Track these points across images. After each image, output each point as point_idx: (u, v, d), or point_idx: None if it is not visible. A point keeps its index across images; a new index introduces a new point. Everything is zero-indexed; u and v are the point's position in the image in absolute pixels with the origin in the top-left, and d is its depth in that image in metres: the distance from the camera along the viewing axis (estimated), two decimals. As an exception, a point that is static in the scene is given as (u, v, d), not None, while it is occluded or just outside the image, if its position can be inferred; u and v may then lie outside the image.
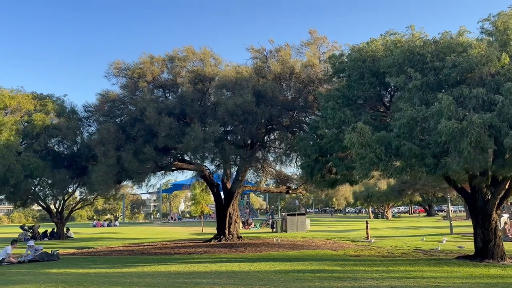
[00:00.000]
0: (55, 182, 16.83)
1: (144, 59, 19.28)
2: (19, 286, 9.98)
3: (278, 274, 11.06)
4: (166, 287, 9.43)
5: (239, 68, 17.24)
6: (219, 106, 15.86)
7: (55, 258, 15.78)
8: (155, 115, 16.40)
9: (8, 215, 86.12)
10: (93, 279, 10.89)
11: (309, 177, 13.70)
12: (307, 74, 17.16)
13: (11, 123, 16.47)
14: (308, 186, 26.71)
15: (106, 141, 16.21)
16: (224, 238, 21.65)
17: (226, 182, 22.28)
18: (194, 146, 14.88)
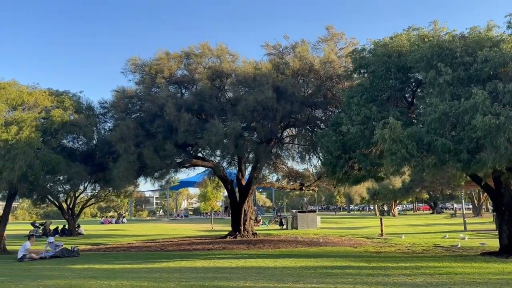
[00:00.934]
0: (74, 178, 16.78)
1: (161, 55, 19.22)
2: (49, 281, 9.96)
3: (306, 270, 11.01)
4: (198, 282, 9.40)
5: (257, 64, 17.16)
6: (239, 102, 15.79)
7: (75, 254, 15.78)
8: (175, 111, 16.36)
9: (12, 212, 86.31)
10: (121, 274, 10.87)
11: (331, 174, 13.62)
12: (326, 70, 17.06)
13: (30, 119, 16.41)
14: (320, 183, 26.71)
15: (126, 138, 16.17)
16: (240, 235, 21.61)
17: (241, 178, 22.24)
18: (215, 142, 14.81)
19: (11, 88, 16.85)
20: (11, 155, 14.94)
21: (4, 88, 16.41)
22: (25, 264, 13.95)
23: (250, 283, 9.18)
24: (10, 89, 16.74)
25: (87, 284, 9.45)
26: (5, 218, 18.23)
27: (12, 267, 13.13)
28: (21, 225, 49.93)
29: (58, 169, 16.69)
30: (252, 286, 8.87)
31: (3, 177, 14.91)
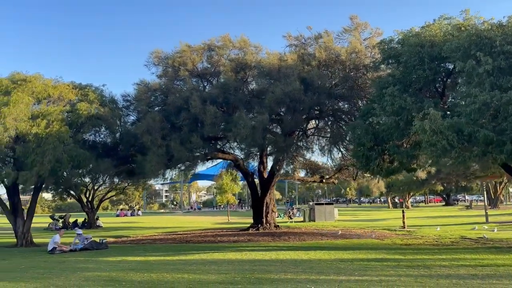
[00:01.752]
0: (102, 172, 16.84)
1: (184, 48, 19.14)
2: (89, 273, 10.02)
3: (343, 262, 10.95)
4: (238, 274, 9.39)
5: (283, 56, 16.98)
6: (266, 94, 15.68)
7: (104, 246, 15.90)
8: (200, 104, 16.30)
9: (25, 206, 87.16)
10: (158, 266, 10.90)
11: (363, 166, 13.49)
12: (352, 60, 16.85)
13: (56, 113, 16.46)
14: (340, 176, 26.60)
15: (153, 130, 16.17)
16: (262, 227, 21.63)
17: (262, 171, 22.20)
18: (244, 135, 14.74)
19: (37, 82, 16.88)
20: (42, 149, 15.01)
21: (30, 82, 16.44)
22: (57, 256, 14.07)
23: (291, 275, 9.15)
24: (36, 82, 16.78)
25: (128, 276, 9.50)
26: (31, 211, 18.39)
27: (46, 259, 13.25)
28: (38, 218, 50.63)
29: (85, 164, 16.74)
30: (294, 278, 8.85)
31: (33, 171, 15.00)
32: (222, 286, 8.17)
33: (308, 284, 8.16)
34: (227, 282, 8.52)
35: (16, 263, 12.38)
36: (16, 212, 17.84)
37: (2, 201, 18.19)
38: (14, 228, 17.94)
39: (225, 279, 8.87)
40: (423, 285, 7.87)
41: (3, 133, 14.80)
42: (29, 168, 15.08)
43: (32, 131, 15.35)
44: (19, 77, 16.98)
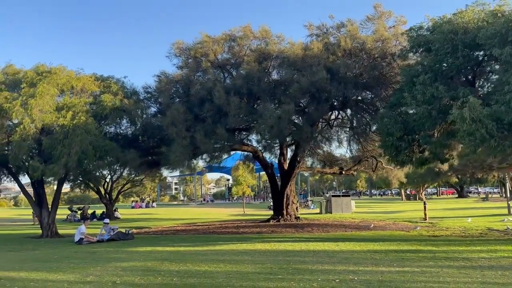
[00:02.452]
0: (127, 162, 16.88)
1: (206, 39, 18.97)
2: (124, 263, 10.06)
3: (377, 254, 10.82)
4: (275, 265, 9.34)
5: (307, 45, 16.72)
6: (291, 84, 15.48)
7: (130, 237, 15.97)
8: (224, 95, 16.18)
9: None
10: (191, 257, 10.89)
11: (393, 157, 13.29)
12: (380, 49, 16.55)
13: (80, 104, 16.49)
14: (359, 167, 26.38)
15: (177, 122, 16.11)
16: (283, 219, 21.56)
17: (283, 162, 22.08)
18: (270, 126, 14.60)
19: (61, 73, 16.90)
20: (69, 140, 15.05)
21: (55, 73, 16.46)
22: (85, 247, 14.15)
23: (329, 267, 9.06)
24: (60, 74, 16.79)
25: (164, 266, 9.50)
26: (56, 203, 18.53)
27: (76, 250, 13.34)
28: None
29: (110, 155, 16.77)
30: (332, 269, 8.75)
31: (61, 163, 15.06)
32: (262, 276, 8.12)
33: (349, 275, 8.07)
34: (266, 273, 8.46)
35: (47, 254, 12.49)
36: (41, 203, 18.00)
37: (27, 192, 18.35)
38: (39, 219, 18.11)
39: (263, 270, 8.81)
40: (469, 276, 7.73)
41: (29, 124, 14.85)
42: (55, 160, 15.14)
43: (58, 122, 15.38)
44: (43, 69, 17.01)
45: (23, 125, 14.72)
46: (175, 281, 7.97)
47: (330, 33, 19.03)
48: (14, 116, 14.77)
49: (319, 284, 7.32)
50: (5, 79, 17.16)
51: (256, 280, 7.75)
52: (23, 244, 15.39)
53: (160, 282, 7.91)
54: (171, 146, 16.04)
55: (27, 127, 14.78)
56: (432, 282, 7.34)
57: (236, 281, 7.71)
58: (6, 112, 14.90)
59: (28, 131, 14.84)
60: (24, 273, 9.05)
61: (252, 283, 7.57)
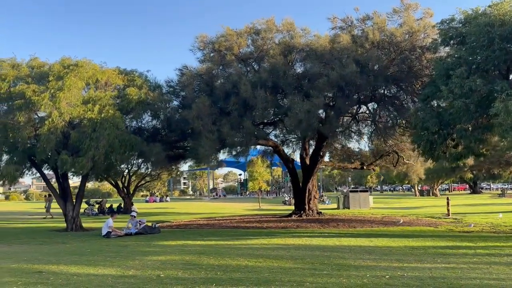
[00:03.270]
0: (152, 156, 16.83)
1: (230, 32, 18.79)
2: (161, 257, 9.99)
3: (415, 250, 10.65)
4: (315, 260, 9.20)
5: (338, 37, 16.44)
6: (320, 77, 15.26)
7: (156, 231, 15.94)
8: (250, 89, 16.01)
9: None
10: (226, 251, 10.81)
11: (427, 152, 13.04)
12: (408, 42, 16.24)
13: (107, 98, 16.44)
14: (381, 162, 26.11)
15: (203, 115, 16.00)
16: (305, 214, 21.42)
17: (305, 157, 21.90)
18: (300, 119, 14.41)
19: (87, 66, 16.84)
20: (96, 134, 15.02)
21: (81, 67, 16.41)
22: (114, 240, 14.15)
23: (372, 263, 8.91)
24: (86, 67, 16.74)
25: (203, 260, 9.41)
26: (80, 196, 18.59)
27: (106, 243, 13.33)
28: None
29: (135, 149, 16.72)
30: (376, 265, 8.60)
31: (88, 155, 15.04)
32: (307, 272, 7.98)
33: (396, 271, 7.91)
34: (309, 269, 8.32)
35: (79, 247, 12.49)
36: (66, 196, 18.04)
37: (52, 185, 18.42)
38: (64, 212, 18.16)
39: (305, 266, 8.67)
40: (522, 273, 7.53)
41: (58, 118, 14.83)
42: (83, 154, 15.13)
43: (86, 116, 15.35)
44: (69, 62, 16.96)
45: (52, 118, 14.70)
46: (219, 275, 7.87)
47: (355, 26, 18.75)
48: (42, 109, 14.76)
49: (369, 280, 7.17)
50: (31, 72, 17.15)
51: (303, 276, 7.62)
52: (51, 237, 15.44)
53: (204, 276, 7.82)
54: (197, 140, 15.93)
55: (55, 120, 14.75)
56: (487, 279, 7.15)
57: (282, 276, 7.58)
58: (35, 105, 14.88)
59: (57, 124, 14.81)
60: (63, 267, 9.02)
61: (299, 278, 7.44)
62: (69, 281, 7.60)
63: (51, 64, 17.02)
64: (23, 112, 15.11)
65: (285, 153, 23.11)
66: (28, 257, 10.33)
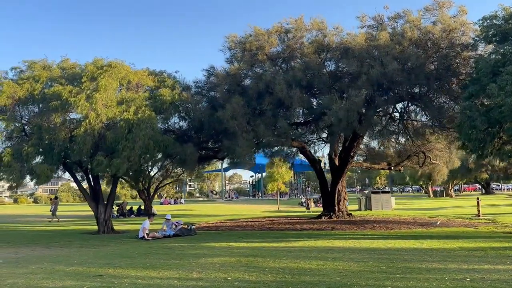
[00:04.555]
0: (186, 157, 16.63)
1: (260, 31, 18.59)
2: (216, 259, 9.75)
3: (474, 251, 10.35)
4: (378, 263, 8.93)
5: (377, 35, 16.13)
6: (360, 75, 14.99)
7: (192, 233, 15.73)
8: (285, 88, 15.78)
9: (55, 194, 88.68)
10: (279, 253, 10.55)
11: (477, 150, 12.73)
12: (446, 39, 15.94)
13: (140, 99, 16.28)
14: (407, 163, 25.77)
15: (238, 115, 15.80)
16: (335, 215, 21.13)
17: (334, 158, 21.61)
18: (338, 118, 14.15)
19: (120, 67, 16.70)
20: (133, 135, 14.86)
21: (115, 67, 16.26)
22: (155, 242, 13.94)
23: (439, 265, 8.61)
24: (120, 68, 16.60)
25: (261, 263, 9.18)
26: (111, 198, 18.43)
27: (149, 245, 13.12)
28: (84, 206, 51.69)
29: (169, 150, 16.55)
30: (446, 268, 8.31)
31: (124, 156, 14.87)
32: (380, 275, 7.70)
33: (474, 274, 7.60)
34: (380, 272, 8.04)
35: (124, 250, 12.29)
36: (97, 199, 17.89)
37: (83, 187, 18.27)
38: (95, 215, 18.01)
39: (372, 268, 8.38)
40: None
41: (95, 119, 14.68)
42: (119, 155, 14.97)
43: (122, 117, 15.20)
44: (101, 63, 16.83)
45: (89, 119, 14.55)
46: (288, 278, 7.62)
47: (385, 24, 18.47)
48: (79, 110, 14.60)
49: (452, 284, 6.88)
50: (63, 73, 17.06)
51: (379, 279, 7.34)
52: (87, 240, 15.27)
53: (273, 279, 7.57)
54: (232, 140, 15.73)
55: (93, 122, 14.59)
56: None
57: (357, 280, 7.31)
58: (71, 106, 14.73)
59: (94, 126, 14.65)
60: (121, 270, 8.80)
61: (377, 282, 7.16)
62: (137, 285, 7.38)
63: (83, 65, 16.91)
64: (59, 113, 14.97)
65: (311, 153, 22.85)
66: (78, 260, 10.14)
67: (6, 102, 15.05)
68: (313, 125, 18.33)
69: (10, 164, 14.72)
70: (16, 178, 14.82)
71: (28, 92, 15.61)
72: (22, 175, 14.97)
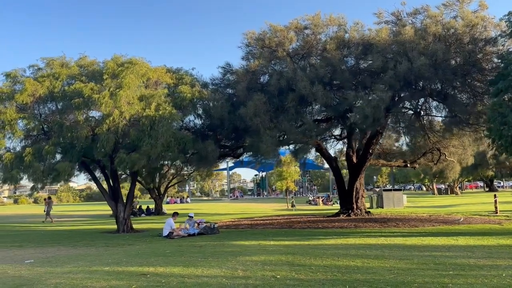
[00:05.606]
0: (208, 154, 16.42)
1: (278, 28, 18.40)
2: (255, 257, 9.56)
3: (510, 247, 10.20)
4: (423, 260, 8.76)
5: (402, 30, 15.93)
6: (385, 71, 14.83)
7: (216, 231, 15.56)
8: (309, 85, 15.60)
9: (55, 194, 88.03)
10: (313, 251, 10.37)
11: (509, 146, 12.57)
12: (469, 34, 15.78)
13: (159, 95, 16.09)
14: (423, 160, 25.62)
15: (260, 112, 15.62)
16: (353, 213, 20.98)
17: (351, 155, 21.44)
18: (364, 115, 13.98)
19: (141, 65, 16.49)
20: (155, 132, 14.66)
21: (136, 64, 16.05)
22: (183, 240, 13.72)
23: (488, 262, 8.45)
24: (142, 65, 16.39)
25: (301, 260, 8.98)
26: (130, 197, 18.24)
27: (179, 243, 12.90)
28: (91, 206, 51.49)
29: (188, 147, 16.35)
30: (496, 265, 8.16)
31: (145, 153, 14.68)
32: (433, 273, 7.52)
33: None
34: (428, 269, 7.86)
35: (154, 248, 12.07)
36: (117, 197, 17.69)
37: (102, 186, 18.06)
38: (114, 213, 17.82)
39: (419, 266, 8.20)
40: None
41: (119, 116, 14.48)
42: (142, 152, 14.77)
43: (144, 114, 14.99)
44: (121, 60, 16.63)
45: (113, 117, 14.34)
46: (339, 276, 7.44)
47: (404, 20, 18.30)
48: (103, 108, 14.37)
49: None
50: (81, 71, 16.85)
51: (433, 277, 7.15)
52: (111, 239, 15.04)
53: (323, 277, 7.39)
54: (254, 137, 15.57)
55: (116, 119, 14.39)
56: None
57: (412, 278, 7.13)
58: (94, 104, 14.52)
59: (118, 123, 14.45)
60: (161, 268, 8.61)
61: (432, 279, 6.97)
62: (186, 284, 7.20)
63: (102, 62, 16.72)
64: (82, 111, 14.77)
65: (327, 151, 22.69)
66: (112, 260, 9.94)
67: (27, 100, 14.83)
68: (335, 121, 18.16)
69: (31, 164, 14.50)
70: (39, 178, 14.59)
71: (48, 90, 15.39)
72: (44, 175, 14.73)
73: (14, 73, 16.47)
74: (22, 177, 15.41)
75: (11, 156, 14.68)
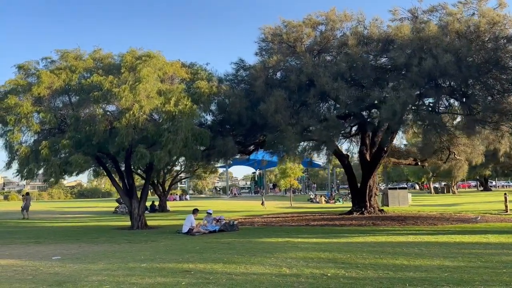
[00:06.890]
0: (227, 150, 16.16)
1: (295, 23, 18.19)
2: (291, 254, 9.38)
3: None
4: (466, 258, 8.64)
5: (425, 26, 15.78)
6: (409, 68, 14.68)
7: (235, 228, 15.34)
8: (331, 81, 15.41)
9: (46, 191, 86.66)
10: (348, 248, 10.20)
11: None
12: (491, 32, 15.69)
13: (178, 90, 15.78)
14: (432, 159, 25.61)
15: (281, 108, 15.39)
16: (366, 211, 20.87)
17: (365, 153, 21.32)
18: (391, 112, 13.82)
19: (159, 58, 16.16)
20: (175, 127, 14.36)
21: (154, 57, 15.72)
22: (203, 237, 13.48)
23: None
24: (159, 58, 16.06)
25: (341, 258, 8.82)
26: (145, 193, 17.92)
27: (204, 240, 12.63)
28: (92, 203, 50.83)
29: (206, 143, 16.09)
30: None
31: (166, 149, 14.38)
32: (486, 271, 7.38)
33: None
34: (478, 266, 7.76)
35: (180, 245, 11.80)
36: (131, 194, 17.35)
37: (116, 182, 17.69)
38: (129, 209, 17.49)
39: (468, 264, 8.10)
40: None
41: (139, 111, 14.15)
42: (162, 147, 14.47)
43: (164, 108, 14.68)
44: (137, 53, 16.27)
45: (133, 111, 14.00)
46: (391, 275, 7.26)
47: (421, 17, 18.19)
48: (123, 102, 14.01)
49: None
50: (97, 64, 16.49)
51: (490, 275, 7.01)
52: (130, 236, 14.68)
53: (376, 275, 7.20)
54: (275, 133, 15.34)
55: (136, 113, 14.05)
56: None
57: (469, 275, 6.98)
58: (113, 97, 14.16)
59: (138, 118, 14.11)
60: (201, 265, 8.38)
61: (490, 277, 6.84)
62: (235, 281, 6.97)
63: (118, 55, 16.38)
64: (100, 104, 14.42)
65: (339, 149, 22.55)
66: (144, 256, 9.66)
67: (44, 93, 14.43)
68: (353, 118, 17.97)
69: (48, 158, 14.12)
70: (55, 173, 14.21)
71: (65, 83, 15.00)
72: (61, 170, 14.34)
73: (27, 65, 16.06)
74: (38, 172, 15.01)
75: (27, 150, 14.27)
